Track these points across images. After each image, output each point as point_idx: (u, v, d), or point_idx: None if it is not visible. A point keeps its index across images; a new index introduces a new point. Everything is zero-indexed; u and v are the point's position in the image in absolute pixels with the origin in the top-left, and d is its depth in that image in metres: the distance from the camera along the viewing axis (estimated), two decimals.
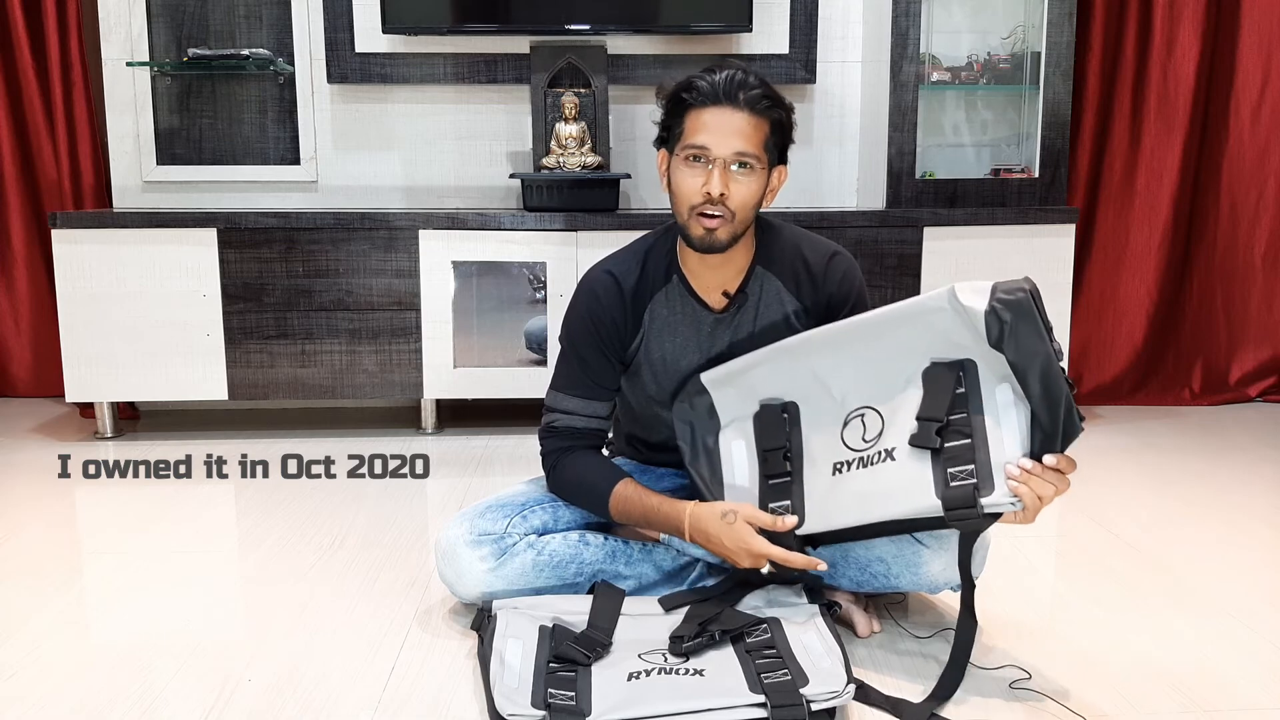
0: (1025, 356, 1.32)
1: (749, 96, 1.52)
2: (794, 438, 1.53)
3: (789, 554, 1.49)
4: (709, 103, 1.52)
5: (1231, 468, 2.68)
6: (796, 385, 1.53)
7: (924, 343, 1.41)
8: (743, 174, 1.53)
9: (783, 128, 1.57)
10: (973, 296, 1.35)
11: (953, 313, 1.37)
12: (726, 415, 1.59)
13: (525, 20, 3.04)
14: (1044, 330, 1.32)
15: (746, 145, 1.52)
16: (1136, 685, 1.49)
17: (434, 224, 2.89)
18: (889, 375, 1.45)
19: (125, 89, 3.14)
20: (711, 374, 1.60)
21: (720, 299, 1.66)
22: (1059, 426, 1.33)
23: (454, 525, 1.67)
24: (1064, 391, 1.32)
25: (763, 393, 1.56)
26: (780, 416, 1.54)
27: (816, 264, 1.66)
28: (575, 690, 1.36)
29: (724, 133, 1.51)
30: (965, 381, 1.39)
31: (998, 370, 1.37)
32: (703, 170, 1.53)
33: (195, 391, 2.90)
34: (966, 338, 1.38)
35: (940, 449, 1.38)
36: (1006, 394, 1.36)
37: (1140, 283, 3.34)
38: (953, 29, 3.19)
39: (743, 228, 1.57)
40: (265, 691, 1.47)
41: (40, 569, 1.96)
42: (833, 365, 1.49)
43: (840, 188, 3.32)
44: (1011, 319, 1.32)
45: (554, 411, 1.71)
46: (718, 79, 1.52)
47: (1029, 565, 1.99)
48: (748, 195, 1.54)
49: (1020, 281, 1.34)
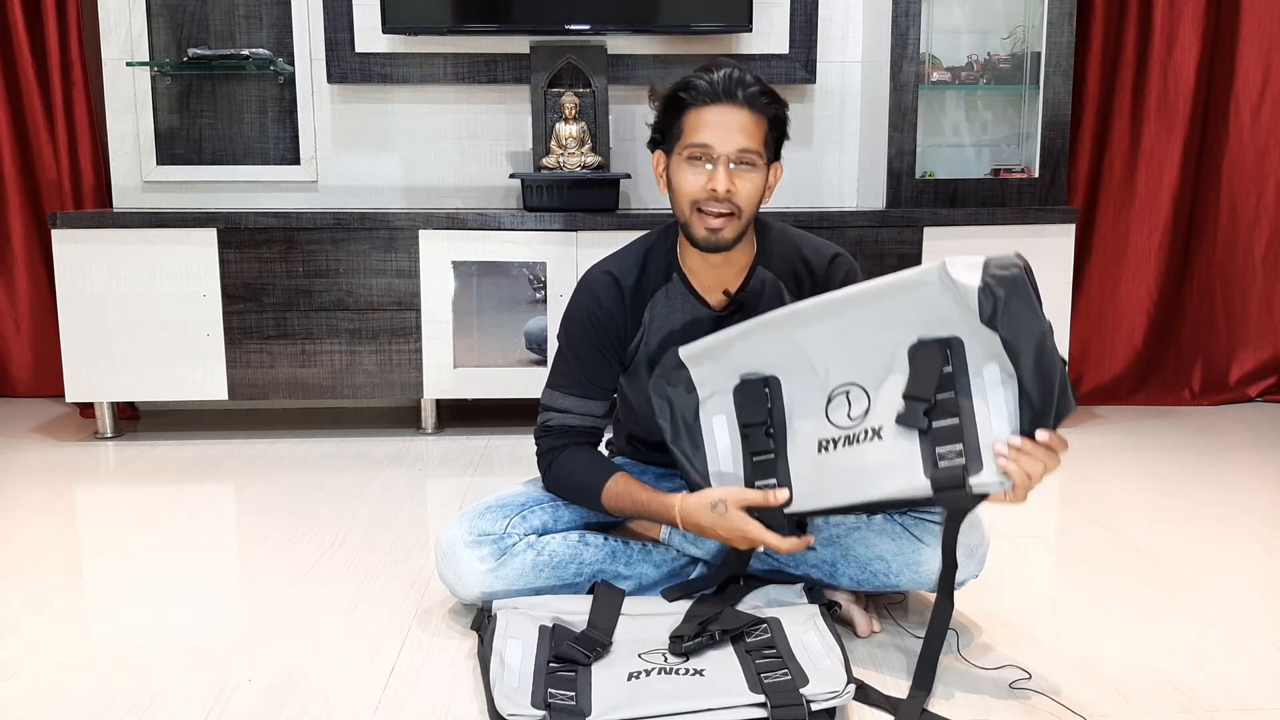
0: (1019, 333, 1.30)
1: (749, 94, 1.52)
2: (776, 413, 1.51)
3: (781, 540, 1.49)
4: (709, 101, 1.52)
5: (1231, 468, 2.68)
6: (777, 358, 1.50)
7: (910, 317, 1.39)
8: (745, 170, 1.54)
9: (780, 124, 1.58)
10: (964, 272, 1.33)
11: (942, 288, 1.35)
12: (705, 390, 1.56)
13: (525, 20, 3.04)
14: (1037, 306, 1.31)
15: (749, 142, 1.52)
16: (1136, 685, 1.49)
17: (434, 224, 2.89)
18: (873, 349, 1.42)
19: (125, 89, 3.14)
20: (689, 349, 1.56)
21: (721, 298, 1.66)
22: (1052, 403, 1.31)
23: (453, 526, 1.67)
24: (1058, 367, 1.31)
25: (743, 367, 1.53)
26: (762, 391, 1.51)
27: (818, 265, 1.66)
28: (575, 690, 1.36)
29: (726, 130, 1.52)
30: (952, 360, 1.37)
31: (986, 348, 1.34)
32: (705, 168, 1.53)
33: (195, 391, 2.90)
34: (955, 314, 1.35)
35: (928, 429, 1.37)
36: (994, 373, 1.34)
37: (1140, 283, 3.34)
38: (953, 29, 3.19)
39: (746, 225, 1.58)
40: (265, 691, 1.47)
41: (40, 569, 1.96)
42: (815, 337, 1.46)
43: (840, 188, 3.32)
44: (1005, 295, 1.30)
45: (550, 410, 1.71)
46: (716, 77, 1.53)
47: (1029, 565, 1.99)
48: (752, 191, 1.55)
49: (1012, 257, 1.32)
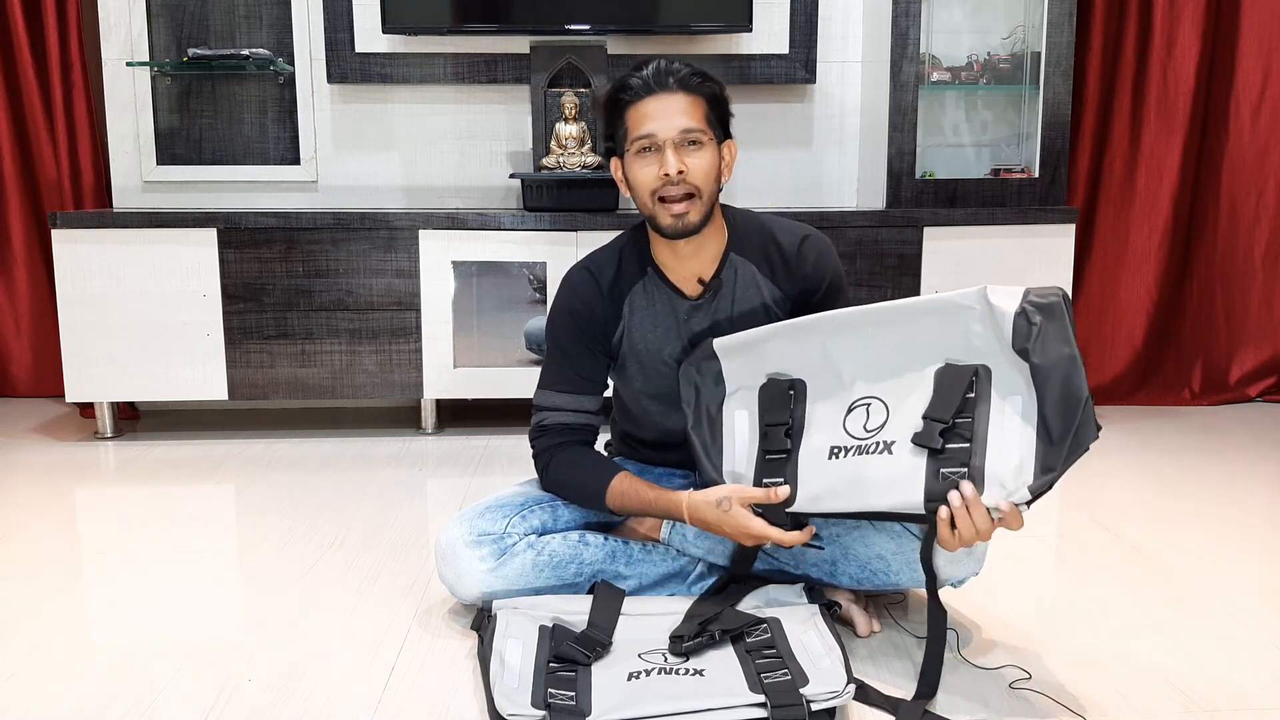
0: (1049, 360, 1.31)
1: (680, 78, 1.58)
2: (797, 415, 1.53)
3: (784, 534, 1.51)
4: (644, 94, 1.58)
5: (1231, 468, 2.68)
6: (807, 363, 1.54)
7: (945, 341, 1.41)
8: (694, 150, 1.58)
9: (718, 100, 1.62)
10: (1004, 298, 1.36)
11: (980, 313, 1.37)
12: (733, 384, 1.60)
13: (525, 20, 3.04)
14: (1071, 335, 1.32)
15: (690, 121, 1.57)
16: (1136, 685, 1.49)
17: (434, 224, 2.89)
18: (901, 366, 1.45)
19: (125, 89, 3.14)
20: (723, 341, 1.61)
21: (696, 287, 1.68)
22: (1070, 435, 1.31)
23: (453, 526, 1.67)
24: (1084, 396, 1.31)
25: (771, 366, 1.57)
26: (786, 393, 1.55)
27: (789, 246, 1.68)
28: (575, 690, 1.36)
29: (665, 116, 1.56)
30: (977, 387, 1.38)
31: (1013, 380, 1.36)
32: (655, 157, 1.57)
33: (195, 391, 2.90)
34: (989, 341, 1.38)
35: (941, 449, 1.38)
36: (1016, 405, 1.35)
37: (1140, 283, 3.34)
38: (953, 29, 3.19)
39: (709, 205, 1.61)
40: (265, 691, 1.47)
41: (40, 569, 1.96)
42: (846, 347, 1.50)
43: (840, 188, 3.32)
44: (1042, 321, 1.32)
45: (543, 410, 1.72)
46: (646, 72, 1.58)
47: (1029, 565, 1.99)
48: (706, 168, 1.58)
49: (1053, 288, 1.35)
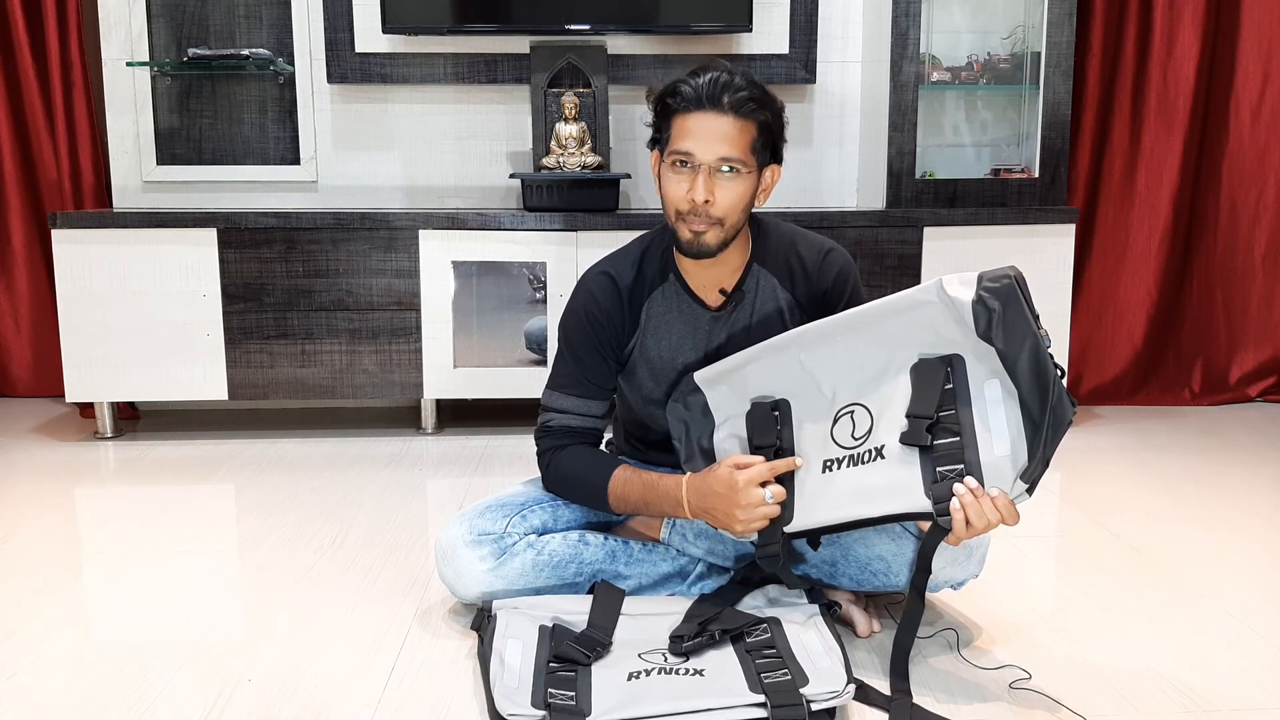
0: (1014, 343, 1.32)
1: (734, 100, 1.49)
2: (785, 435, 1.52)
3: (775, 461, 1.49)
4: (693, 108, 1.50)
5: (1231, 468, 2.68)
6: (788, 382, 1.53)
7: (913, 337, 1.41)
8: (729, 178, 1.51)
9: (770, 129, 1.54)
10: (959, 288, 1.36)
11: (940, 305, 1.37)
12: (721, 414, 1.59)
13: (525, 20, 3.04)
14: (1031, 316, 1.32)
15: (731, 150, 1.49)
16: (1136, 685, 1.49)
17: (434, 224, 2.89)
18: (877, 369, 1.45)
19: (125, 89, 3.14)
20: (704, 373, 1.59)
21: (717, 297, 1.66)
22: (1047, 412, 1.32)
23: (453, 525, 1.67)
24: (1053, 375, 1.32)
25: (754, 390, 1.55)
26: (771, 414, 1.53)
27: (811, 260, 1.66)
28: (575, 690, 1.36)
29: (708, 138, 1.49)
30: (954, 377, 1.38)
31: (986, 365, 1.37)
32: (688, 175, 1.51)
33: (195, 391, 2.90)
34: (954, 331, 1.38)
35: (930, 446, 1.38)
36: (995, 390, 1.36)
37: (1140, 283, 3.34)
38: (953, 29, 3.19)
39: (732, 232, 1.56)
40: (265, 691, 1.47)
41: (40, 569, 1.96)
42: (822, 360, 1.49)
43: (840, 188, 3.32)
44: (999, 306, 1.32)
45: (550, 411, 1.71)
46: (701, 83, 1.49)
47: (1029, 565, 1.99)
48: (735, 200, 1.52)
49: (1005, 269, 1.35)
